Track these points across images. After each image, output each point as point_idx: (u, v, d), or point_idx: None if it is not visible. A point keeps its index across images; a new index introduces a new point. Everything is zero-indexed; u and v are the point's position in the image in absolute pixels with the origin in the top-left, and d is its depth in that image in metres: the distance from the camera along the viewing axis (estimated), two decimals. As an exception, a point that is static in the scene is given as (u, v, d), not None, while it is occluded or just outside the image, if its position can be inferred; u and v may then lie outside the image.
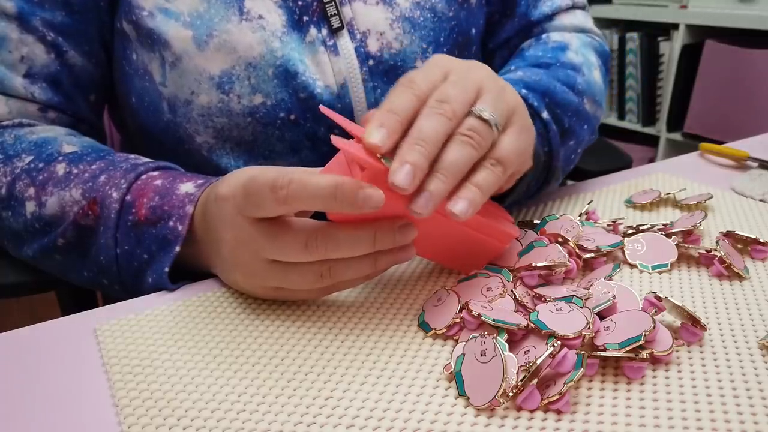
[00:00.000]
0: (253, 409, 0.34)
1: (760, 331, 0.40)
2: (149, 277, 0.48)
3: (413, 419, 0.33)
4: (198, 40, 0.55)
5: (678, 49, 2.02)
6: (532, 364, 0.34)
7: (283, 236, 0.39)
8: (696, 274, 0.47)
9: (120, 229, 0.49)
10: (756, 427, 0.32)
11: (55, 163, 0.52)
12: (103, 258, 0.50)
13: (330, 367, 0.37)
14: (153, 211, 0.48)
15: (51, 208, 0.51)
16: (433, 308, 0.42)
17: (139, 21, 0.56)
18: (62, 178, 0.52)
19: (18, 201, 0.53)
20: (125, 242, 0.49)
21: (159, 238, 0.47)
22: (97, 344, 0.41)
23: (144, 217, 0.48)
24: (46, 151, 0.54)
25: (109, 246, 0.49)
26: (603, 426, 0.32)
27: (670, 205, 0.60)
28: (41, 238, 0.53)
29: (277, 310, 0.44)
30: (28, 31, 0.56)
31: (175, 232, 0.47)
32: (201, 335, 0.41)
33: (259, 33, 0.56)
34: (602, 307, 0.39)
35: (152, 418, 0.34)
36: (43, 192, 0.52)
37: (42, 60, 0.57)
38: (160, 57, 0.56)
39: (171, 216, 0.47)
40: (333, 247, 0.39)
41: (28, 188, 0.52)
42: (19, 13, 0.55)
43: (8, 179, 0.53)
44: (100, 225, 0.49)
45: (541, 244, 0.47)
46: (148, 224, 0.48)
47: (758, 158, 0.71)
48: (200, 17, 0.55)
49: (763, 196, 0.61)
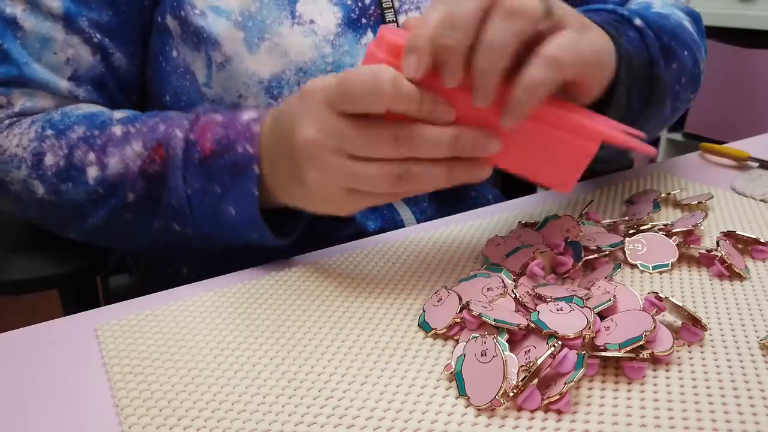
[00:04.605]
0: (254, 409, 0.34)
1: (761, 331, 0.40)
2: (231, 210, 0.47)
3: (413, 419, 0.33)
4: (249, 43, 0.54)
5: (678, 49, 2.02)
6: (533, 364, 0.34)
7: (373, 128, 0.40)
8: (696, 274, 0.47)
9: (188, 168, 0.48)
10: (756, 427, 0.32)
11: (111, 127, 0.51)
12: (175, 201, 0.49)
13: (330, 367, 0.37)
14: (218, 142, 0.47)
15: (114, 167, 0.50)
16: (434, 308, 0.42)
17: (188, 18, 0.55)
18: (121, 138, 0.50)
19: (78, 169, 0.51)
20: (195, 181, 0.48)
21: (229, 167, 0.46)
22: (98, 344, 0.41)
23: (210, 150, 0.47)
24: (99, 119, 0.52)
25: (179, 187, 0.48)
26: (603, 426, 0.32)
27: (670, 205, 0.60)
28: (108, 201, 0.51)
29: (278, 310, 0.44)
30: (75, 32, 0.55)
31: (246, 156, 0.46)
32: (201, 335, 0.41)
33: (311, 38, 0.55)
34: (603, 307, 0.39)
35: (153, 418, 0.34)
36: (104, 155, 0.50)
37: (87, 62, 0.56)
38: (206, 57, 0.55)
39: (237, 142, 0.46)
40: (418, 142, 0.39)
41: (88, 154, 0.51)
42: (66, 13, 0.54)
43: (65, 151, 0.51)
44: (168, 167, 0.48)
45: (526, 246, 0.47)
46: (216, 156, 0.47)
47: (758, 158, 0.71)
48: (252, 18, 0.54)
49: (764, 196, 0.61)
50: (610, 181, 0.68)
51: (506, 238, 0.50)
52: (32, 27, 0.54)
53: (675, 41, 0.58)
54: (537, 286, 0.43)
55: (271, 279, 0.48)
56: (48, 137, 0.52)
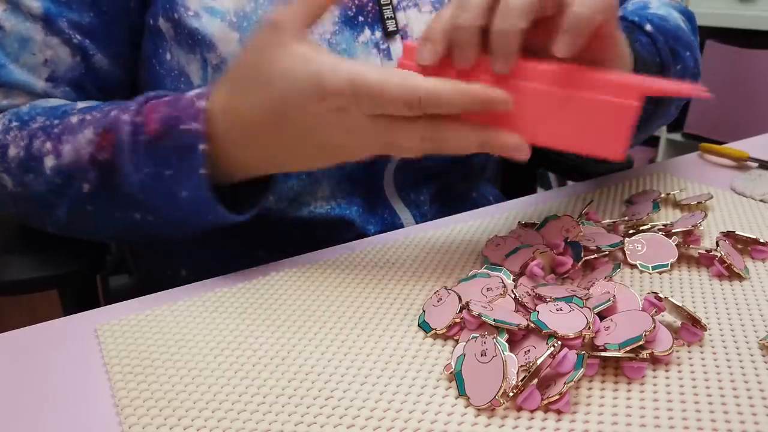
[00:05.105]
0: (254, 409, 0.34)
1: (760, 331, 0.40)
2: (182, 193, 0.46)
3: (413, 419, 0.33)
4: (245, 43, 0.53)
5: (678, 49, 2.02)
6: (533, 364, 0.34)
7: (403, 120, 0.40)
8: (696, 275, 0.47)
9: (137, 152, 0.46)
10: (756, 427, 0.32)
11: (70, 116, 0.50)
12: (129, 188, 0.47)
13: (330, 367, 0.38)
14: (163, 122, 0.45)
15: (68, 156, 0.49)
16: (433, 308, 0.42)
17: (182, 20, 0.54)
18: (76, 125, 0.49)
19: (36, 159, 0.50)
20: (144, 165, 0.46)
21: (176, 146, 0.45)
22: (98, 344, 0.41)
23: (155, 131, 0.45)
24: (61, 109, 0.52)
25: (130, 173, 0.46)
26: (603, 426, 0.32)
27: (670, 205, 0.60)
28: (67, 192, 0.50)
29: (278, 310, 0.44)
30: (54, 33, 0.54)
31: (191, 133, 0.44)
32: (201, 335, 0.41)
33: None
34: (602, 307, 0.39)
35: (153, 418, 0.34)
36: (59, 143, 0.49)
37: (66, 63, 0.55)
38: (201, 59, 0.55)
39: (181, 120, 0.45)
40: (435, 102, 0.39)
41: (45, 144, 0.50)
42: (46, 13, 0.53)
43: (25, 142, 0.50)
44: (118, 153, 0.47)
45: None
46: (162, 137, 0.45)
47: (758, 158, 0.71)
48: (247, 18, 0.54)
49: (763, 197, 0.61)
50: (609, 181, 0.68)
51: (506, 238, 0.50)
52: (11, 27, 0.53)
53: (678, 43, 0.59)
54: (537, 286, 0.44)
55: (271, 279, 0.48)
56: (12, 129, 0.52)
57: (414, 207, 0.65)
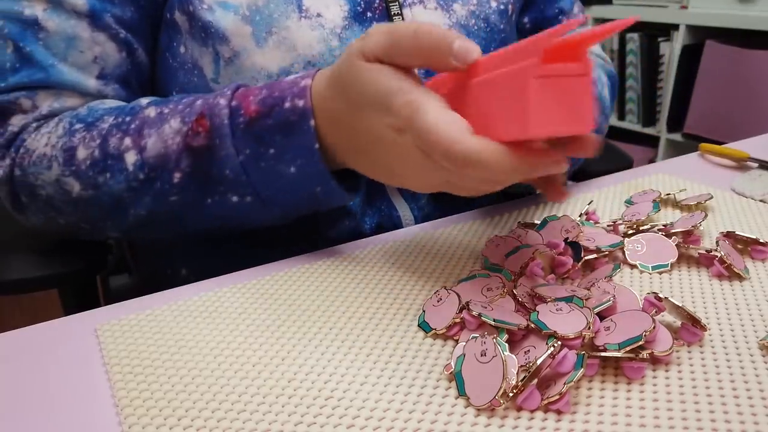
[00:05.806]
0: (254, 409, 0.34)
1: (760, 331, 0.40)
2: (290, 169, 0.46)
3: (413, 419, 0.33)
4: (257, 37, 0.54)
5: (678, 49, 2.02)
6: (532, 365, 0.34)
7: None
8: (696, 275, 0.47)
9: (235, 135, 0.46)
10: (756, 427, 0.32)
11: (143, 110, 0.50)
12: (230, 172, 0.47)
13: (330, 367, 0.38)
14: (262, 102, 0.46)
15: (153, 148, 0.48)
16: (433, 308, 0.42)
17: (196, 13, 0.54)
18: (156, 118, 0.49)
19: (115, 157, 0.49)
20: (245, 147, 0.46)
21: (281, 124, 0.45)
22: (98, 344, 0.41)
23: (255, 112, 0.46)
24: (128, 107, 0.51)
25: (230, 156, 0.47)
26: (603, 426, 0.32)
27: (670, 206, 0.60)
28: (152, 187, 0.49)
29: (278, 309, 0.44)
30: (100, 29, 0.54)
31: (296, 110, 0.45)
32: (201, 335, 0.41)
33: (318, 31, 0.55)
34: (602, 307, 0.39)
35: (153, 418, 0.34)
36: (140, 137, 0.48)
37: (114, 60, 0.55)
38: (213, 52, 0.55)
39: (284, 99, 0.45)
40: None
41: (123, 140, 0.49)
42: (91, 10, 0.53)
43: (98, 141, 0.50)
44: (215, 137, 0.47)
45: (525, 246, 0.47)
46: (262, 117, 0.46)
47: (758, 158, 0.71)
48: (259, 12, 0.54)
49: (763, 197, 0.61)
50: (609, 181, 0.68)
51: (506, 238, 0.50)
52: (56, 27, 0.53)
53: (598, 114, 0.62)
54: (537, 286, 0.44)
55: (271, 279, 0.48)
56: (77, 131, 0.51)
57: (412, 200, 0.65)
